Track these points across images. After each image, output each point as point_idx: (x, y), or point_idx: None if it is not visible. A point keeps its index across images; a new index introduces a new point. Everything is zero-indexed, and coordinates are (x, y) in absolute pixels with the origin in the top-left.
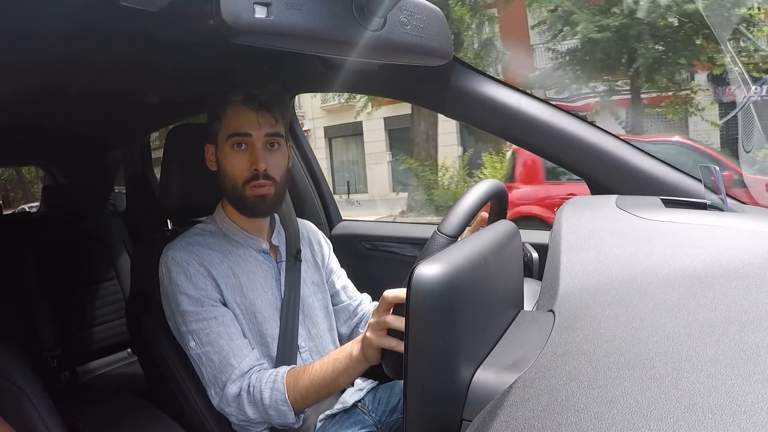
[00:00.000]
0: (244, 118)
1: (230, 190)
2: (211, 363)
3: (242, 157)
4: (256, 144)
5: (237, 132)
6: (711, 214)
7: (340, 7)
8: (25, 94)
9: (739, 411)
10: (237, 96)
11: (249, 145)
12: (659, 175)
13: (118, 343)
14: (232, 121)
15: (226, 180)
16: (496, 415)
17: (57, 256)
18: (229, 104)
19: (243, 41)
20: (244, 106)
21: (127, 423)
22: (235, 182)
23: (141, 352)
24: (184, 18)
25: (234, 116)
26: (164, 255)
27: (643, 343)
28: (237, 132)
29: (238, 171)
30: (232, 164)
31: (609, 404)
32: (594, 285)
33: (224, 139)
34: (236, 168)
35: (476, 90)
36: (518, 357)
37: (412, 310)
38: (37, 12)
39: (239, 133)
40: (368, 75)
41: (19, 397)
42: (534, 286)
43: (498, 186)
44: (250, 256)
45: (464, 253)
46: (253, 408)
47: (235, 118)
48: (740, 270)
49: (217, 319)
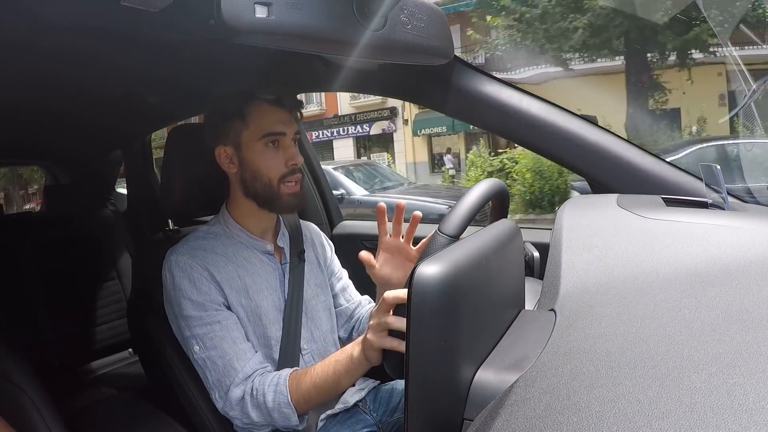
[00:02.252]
0: (277, 117)
1: (260, 189)
2: (215, 367)
3: (277, 155)
4: (288, 142)
5: (272, 131)
6: (712, 213)
7: (340, 6)
8: (26, 94)
9: (741, 410)
10: (268, 95)
11: (281, 143)
12: (660, 174)
13: (119, 343)
14: (263, 120)
15: (257, 179)
16: (497, 414)
17: (58, 256)
18: (255, 103)
19: (244, 41)
20: (276, 106)
21: (128, 423)
22: (269, 180)
23: (142, 352)
24: (185, 18)
25: (264, 116)
26: (167, 259)
27: (645, 342)
28: (272, 131)
29: (274, 169)
30: (266, 162)
31: (610, 403)
32: (595, 284)
33: (254, 139)
34: (272, 166)
35: (477, 89)
36: (519, 356)
37: (413, 309)
38: (38, 12)
39: (275, 132)
40: (369, 74)
41: (20, 397)
42: (535, 286)
43: (499, 185)
44: (255, 258)
45: (465, 252)
46: (256, 411)
47: (266, 117)
48: (741, 269)
49: (221, 323)
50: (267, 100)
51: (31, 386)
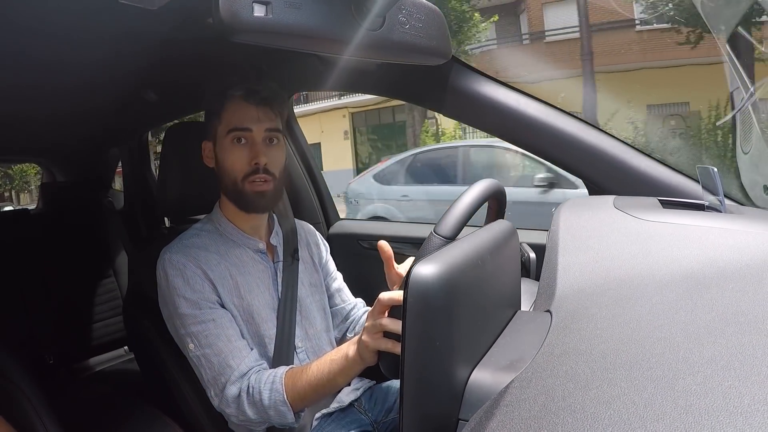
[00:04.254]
0: (245, 113)
1: (229, 186)
2: (211, 365)
3: (242, 152)
4: (256, 139)
5: (238, 127)
6: (708, 215)
7: (338, 5)
8: (23, 91)
9: (736, 412)
10: (237, 91)
11: (249, 140)
12: (657, 176)
13: (115, 341)
14: (232, 116)
15: (225, 175)
16: (492, 415)
17: (54, 253)
18: (228, 100)
19: (242, 40)
20: (244, 101)
21: (123, 420)
22: (234, 177)
23: (138, 350)
24: (183, 16)
25: (234, 111)
26: (161, 258)
27: (640, 344)
28: (238, 127)
29: (238, 166)
30: (231, 159)
31: (605, 405)
32: (591, 286)
33: (224, 134)
34: (236, 162)
35: (475, 90)
36: (515, 357)
37: (408, 310)
38: (36, 10)
39: (240, 128)
40: (367, 74)
41: (16, 395)
42: (531, 287)
43: (495, 186)
44: (247, 257)
45: (461, 253)
46: (252, 408)
47: (236, 113)
48: (737, 271)
49: (216, 321)
50: (240, 96)
51: (26, 383)
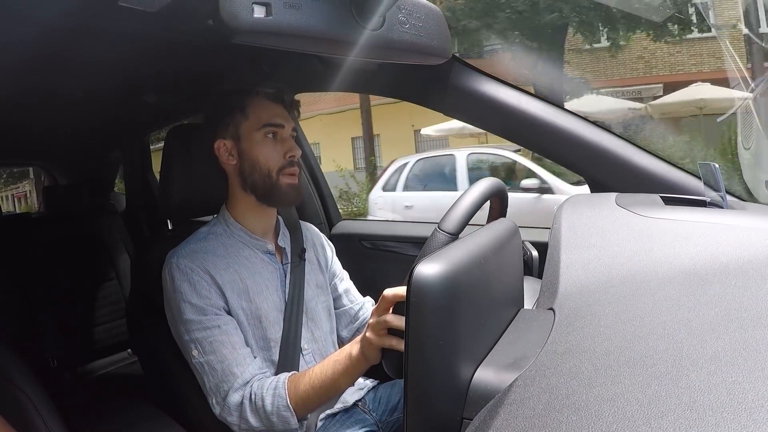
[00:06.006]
0: (275, 110)
1: (259, 181)
2: (214, 372)
3: (275, 146)
4: (286, 135)
5: (271, 122)
6: (710, 211)
7: (338, 6)
8: (24, 95)
9: (740, 408)
10: (267, 89)
11: (280, 136)
12: (659, 173)
13: (118, 344)
14: (262, 112)
15: (255, 170)
16: (496, 413)
17: (57, 256)
18: (255, 97)
19: (242, 41)
20: (273, 100)
21: (127, 423)
22: (268, 170)
23: (141, 353)
24: (183, 18)
25: (264, 108)
26: (168, 262)
27: (644, 341)
28: (271, 122)
29: (273, 159)
30: (265, 153)
31: (609, 402)
32: (594, 283)
33: (253, 129)
34: (271, 156)
35: (476, 89)
36: (518, 355)
37: (412, 308)
38: (36, 12)
39: (274, 124)
40: (367, 74)
41: (20, 398)
42: (534, 285)
43: (498, 184)
44: (256, 258)
45: (464, 251)
46: (255, 416)
47: (266, 110)
48: (740, 267)
49: (221, 327)
50: (267, 95)
51: (30, 386)
